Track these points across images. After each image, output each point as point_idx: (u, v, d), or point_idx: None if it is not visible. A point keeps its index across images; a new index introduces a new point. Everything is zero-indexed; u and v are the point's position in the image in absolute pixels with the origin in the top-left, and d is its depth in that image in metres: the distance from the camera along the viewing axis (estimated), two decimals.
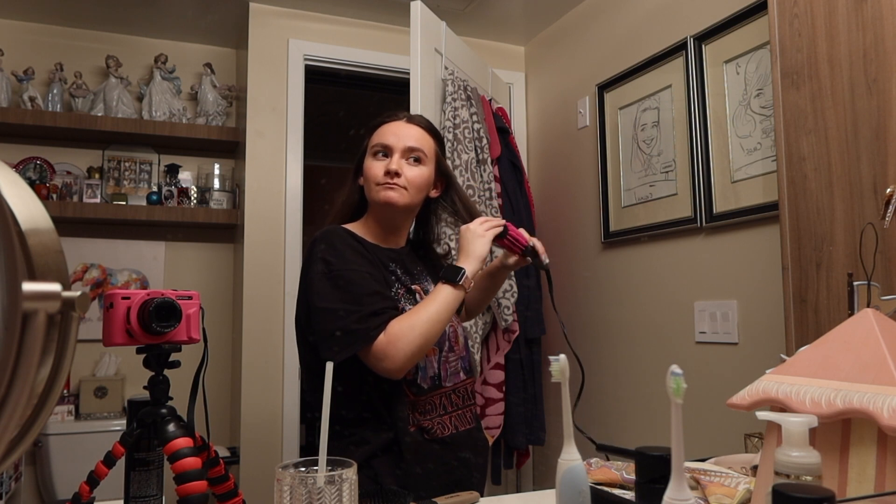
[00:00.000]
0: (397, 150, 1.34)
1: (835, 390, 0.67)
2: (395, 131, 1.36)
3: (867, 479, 0.64)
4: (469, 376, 1.40)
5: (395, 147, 1.34)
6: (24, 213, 0.35)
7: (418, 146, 1.36)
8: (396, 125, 1.38)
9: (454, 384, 1.34)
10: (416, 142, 1.36)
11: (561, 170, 2.93)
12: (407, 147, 1.35)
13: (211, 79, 3.03)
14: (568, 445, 0.74)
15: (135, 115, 2.89)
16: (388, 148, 1.35)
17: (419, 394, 1.28)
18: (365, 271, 1.25)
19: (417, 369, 1.28)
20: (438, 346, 1.32)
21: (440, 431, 1.29)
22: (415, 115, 1.43)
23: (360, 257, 1.27)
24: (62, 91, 2.82)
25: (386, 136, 1.36)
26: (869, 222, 1.27)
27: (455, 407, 1.34)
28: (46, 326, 0.33)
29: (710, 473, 0.99)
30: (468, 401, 1.38)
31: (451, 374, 1.34)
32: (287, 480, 0.69)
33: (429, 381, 1.30)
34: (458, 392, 1.35)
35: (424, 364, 1.30)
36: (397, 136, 1.35)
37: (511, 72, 3.19)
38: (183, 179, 3.00)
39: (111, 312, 0.88)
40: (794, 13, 1.47)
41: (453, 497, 1.07)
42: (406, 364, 1.20)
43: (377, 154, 1.35)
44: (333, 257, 1.25)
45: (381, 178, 1.32)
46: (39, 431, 0.39)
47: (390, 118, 1.40)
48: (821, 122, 1.40)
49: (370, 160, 1.36)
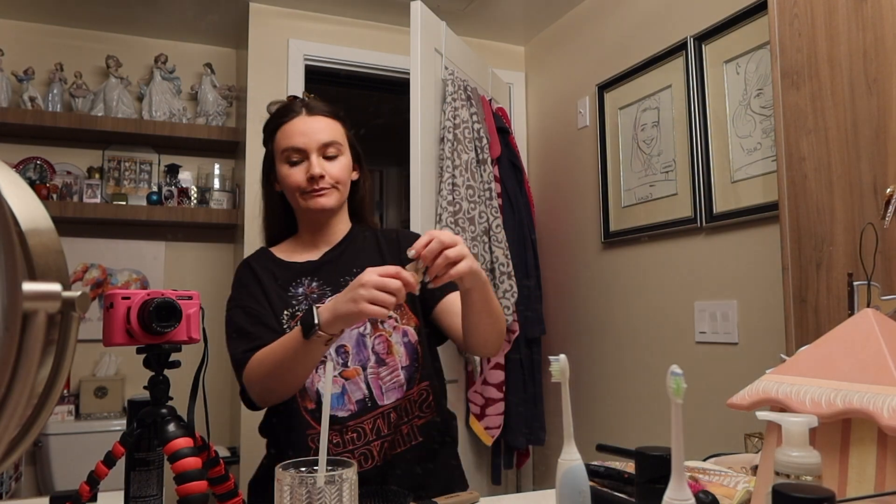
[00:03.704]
0: (312, 150, 1.22)
1: (835, 390, 0.67)
2: (301, 130, 1.23)
3: (867, 479, 0.64)
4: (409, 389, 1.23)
5: (308, 147, 1.23)
6: (24, 213, 0.35)
7: (332, 139, 1.25)
8: (300, 122, 1.24)
9: (396, 401, 1.20)
10: (330, 135, 1.25)
11: (561, 170, 2.93)
12: (321, 144, 1.23)
13: (211, 79, 3.03)
14: (568, 445, 0.74)
15: (135, 115, 2.89)
16: (301, 150, 1.23)
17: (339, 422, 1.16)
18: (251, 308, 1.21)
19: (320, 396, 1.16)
20: (361, 364, 1.19)
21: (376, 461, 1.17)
22: (313, 103, 1.28)
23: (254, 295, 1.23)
24: (62, 91, 2.82)
25: (293, 136, 1.23)
26: (869, 222, 1.27)
27: (392, 429, 1.20)
28: (46, 326, 0.33)
29: (710, 473, 0.99)
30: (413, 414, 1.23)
31: (387, 390, 1.20)
32: (287, 480, 0.69)
33: (355, 406, 1.18)
34: (400, 409, 1.21)
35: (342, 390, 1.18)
36: (306, 134, 1.23)
37: (511, 72, 3.19)
38: (183, 179, 3.00)
39: (111, 312, 0.88)
40: (794, 13, 1.46)
41: (453, 497, 1.07)
42: (263, 399, 1.17)
43: (290, 161, 1.24)
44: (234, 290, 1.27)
45: (305, 185, 1.23)
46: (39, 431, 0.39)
47: (289, 115, 1.26)
48: (821, 122, 1.40)
49: (285, 167, 1.25)
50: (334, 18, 2.91)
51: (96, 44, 2.97)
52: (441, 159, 2.41)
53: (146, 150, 3.00)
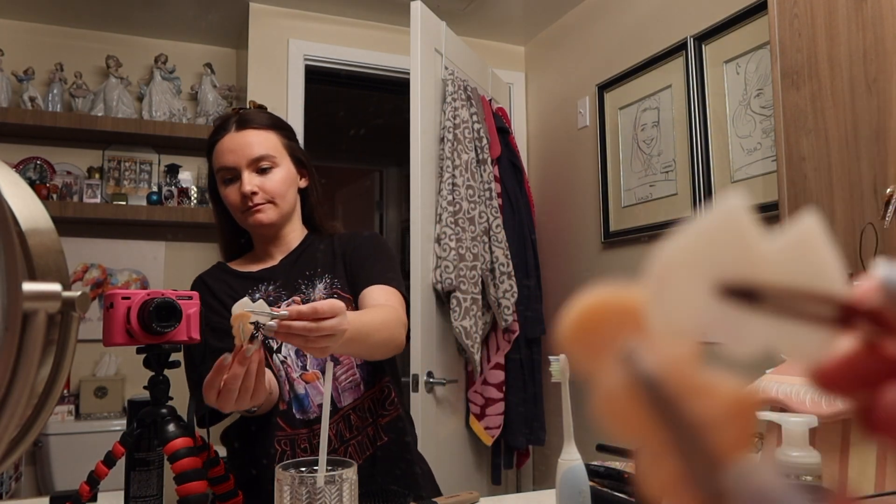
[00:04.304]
0: (243, 167, 1.19)
1: None
2: (230, 147, 1.20)
3: (867, 479, 0.64)
4: (369, 388, 1.19)
5: (238, 164, 1.19)
6: (24, 213, 0.35)
7: (262, 153, 1.20)
8: (229, 139, 1.20)
9: (354, 402, 1.16)
10: (258, 148, 1.20)
11: (561, 170, 2.93)
12: (251, 159, 1.19)
13: (211, 79, 3.03)
14: (568, 445, 0.74)
15: (135, 115, 2.89)
16: (231, 169, 1.19)
17: (301, 427, 1.13)
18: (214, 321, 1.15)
19: (292, 399, 1.12)
20: (319, 368, 1.16)
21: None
22: (244, 116, 1.23)
23: (212, 306, 1.18)
24: (62, 91, 2.82)
25: (224, 156, 1.20)
26: (869, 222, 1.27)
27: (355, 431, 1.16)
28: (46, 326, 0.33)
29: None
30: (376, 413, 1.19)
31: (344, 390, 1.16)
32: (287, 480, 0.69)
33: (318, 410, 1.13)
34: (359, 410, 1.17)
35: (305, 393, 1.14)
36: (234, 152, 1.19)
37: (511, 72, 3.19)
38: (183, 179, 3.00)
39: (111, 312, 0.88)
40: (794, 13, 1.47)
41: (453, 497, 1.07)
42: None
43: (225, 180, 1.21)
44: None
45: (240, 204, 1.19)
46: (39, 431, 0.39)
47: (220, 132, 1.22)
48: (821, 122, 1.40)
49: (222, 187, 1.22)
50: (334, 18, 2.91)
51: (96, 44, 2.97)
52: (441, 159, 2.41)
53: (146, 150, 3.00)
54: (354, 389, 1.17)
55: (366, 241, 1.27)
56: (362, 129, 3.55)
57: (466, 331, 2.35)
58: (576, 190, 2.81)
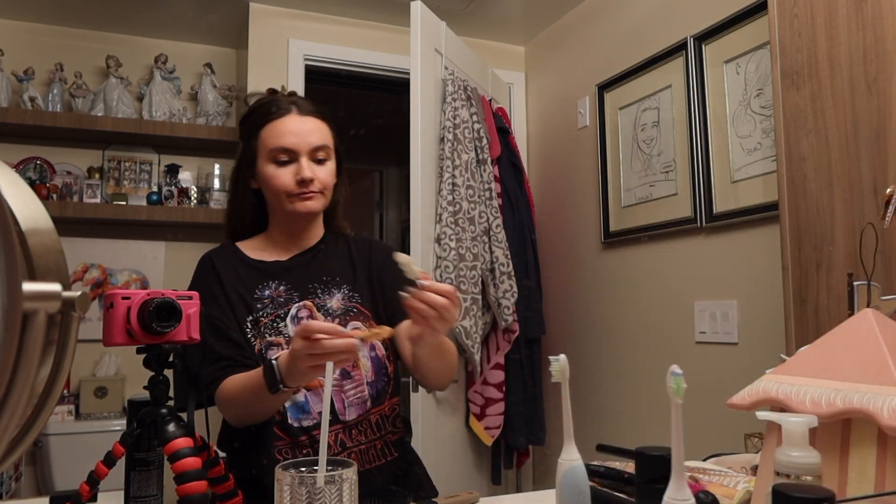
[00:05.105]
0: (303, 153, 1.18)
1: (835, 390, 0.67)
2: (293, 129, 1.18)
3: (867, 479, 0.64)
4: (380, 404, 1.20)
5: (299, 149, 1.18)
6: (24, 213, 0.35)
7: (322, 142, 1.20)
8: (291, 121, 1.19)
9: (358, 416, 1.16)
10: (320, 138, 1.20)
11: (561, 170, 2.93)
12: (312, 147, 1.19)
13: (211, 79, 3.03)
14: (568, 445, 0.74)
15: (135, 115, 2.89)
16: (290, 151, 1.18)
17: (300, 434, 1.13)
18: (214, 318, 1.14)
19: (288, 408, 1.12)
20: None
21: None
22: (303, 102, 1.23)
23: (216, 299, 1.17)
24: (62, 91, 2.82)
25: (284, 136, 1.18)
26: (869, 222, 1.27)
27: (356, 443, 1.16)
28: (47, 326, 0.33)
29: (710, 473, 0.99)
30: (380, 431, 1.20)
31: (349, 405, 1.16)
32: (287, 480, 0.69)
33: (318, 417, 1.13)
34: (362, 426, 1.17)
35: (305, 400, 1.14)
36: (297, 135, 1.18)
37: (511, 72, 3.19)
38: (183, 179, 3.00)
39: (111, 312, 0.88)
40: (794, 13, 1.46)
41: (453, 497, 1.07)
42: (235, 422, 1.12)
43: (278, 159, 1.18)
44: (193, 286, 1.21)
45: (293, 188, 1.18)
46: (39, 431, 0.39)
47: (280, 111, 1.20)
48: (821, 122, 1.40)
49: (270, 167, 1.19)
50: (334, 18, 2.91)
51: (96, 44, 2.97)
52: (441, 159, 2.41)
53: (146, 150, 3.00)
54: (360, 406, 1.17)
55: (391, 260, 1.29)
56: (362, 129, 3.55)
57: (466, 331, 2.35)
58: (576, 190, 2.81)
